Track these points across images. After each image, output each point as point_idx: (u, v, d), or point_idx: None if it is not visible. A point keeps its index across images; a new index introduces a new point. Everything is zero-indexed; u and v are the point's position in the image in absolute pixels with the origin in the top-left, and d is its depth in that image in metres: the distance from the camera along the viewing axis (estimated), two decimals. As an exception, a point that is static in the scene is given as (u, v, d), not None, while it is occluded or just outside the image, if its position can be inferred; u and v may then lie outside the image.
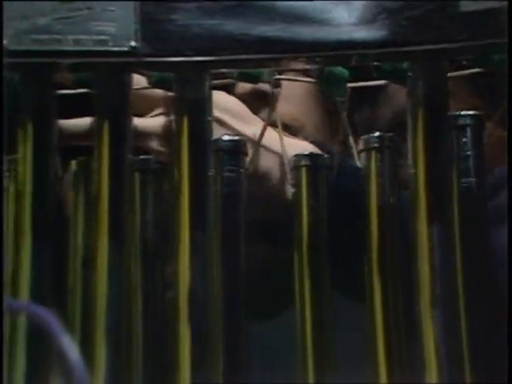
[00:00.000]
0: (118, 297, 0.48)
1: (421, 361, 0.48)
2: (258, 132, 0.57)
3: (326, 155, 0.55)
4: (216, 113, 0.54)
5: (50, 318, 0.41)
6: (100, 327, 0.48)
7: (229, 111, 0.60)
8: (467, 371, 0.48)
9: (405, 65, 0.51)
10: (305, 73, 0.55)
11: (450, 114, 0.52)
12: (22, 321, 0.49)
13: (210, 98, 0.52)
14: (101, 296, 0.48)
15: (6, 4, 0.49)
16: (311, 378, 0.51)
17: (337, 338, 0.53)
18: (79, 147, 0.57)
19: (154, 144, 0.59)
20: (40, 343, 0.48)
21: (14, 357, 0.49)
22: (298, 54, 0.51)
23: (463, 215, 0.49)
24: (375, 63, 0.52)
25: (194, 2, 0.50)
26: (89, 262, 0.50)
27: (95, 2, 0.50)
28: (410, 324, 0.50)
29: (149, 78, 0.53)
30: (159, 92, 0.55)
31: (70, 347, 0.39)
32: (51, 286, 0.50)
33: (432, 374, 0.48)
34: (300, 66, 0.52)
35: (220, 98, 0.59)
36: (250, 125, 0.60)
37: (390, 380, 0.50)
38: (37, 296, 0.49)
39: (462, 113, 0.52)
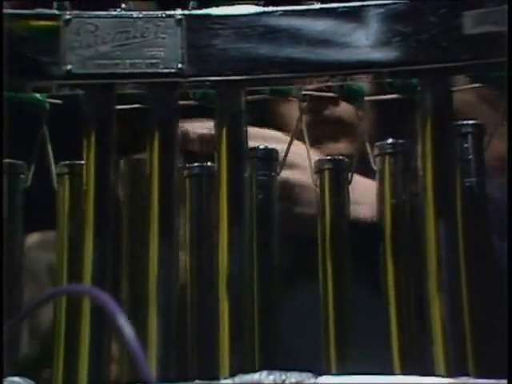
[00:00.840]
0: (168, 281, 0.57)
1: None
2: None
3: (346, 159, 0.63)
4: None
5: (107, 299, 0.49)
6: (153, 308, 0.57)
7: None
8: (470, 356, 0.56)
9: (414, 81, 0.59)
10: (329, 88, 0.63)
11: (454, 123, 0.59)
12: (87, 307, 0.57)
13: (245, 111, 0.60)
14: (153, 281, 0.57)
15: (71, 35, 0.58)
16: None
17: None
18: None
19: (197, 147, 0.67)
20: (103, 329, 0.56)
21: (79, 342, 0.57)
22: (322, 73, 0.59)
23: (466, 211, 0.57)
24: (388, 80, 0.59)
25: (231, 29, 0.59)
26: (142, 253, 0.58)
27: (148, 31, 0.59)
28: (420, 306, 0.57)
29: (194, 94, 0.61)
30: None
31: (126, 326, 0.47)
32: (110, 273, 0.59)
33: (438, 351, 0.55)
34: (323, 82, 0.60)
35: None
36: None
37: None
38: (98, 282, 0.58)
39: (464, 122, 0.60)
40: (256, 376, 0.50)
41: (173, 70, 0.58)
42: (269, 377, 0.49)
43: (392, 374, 0.56)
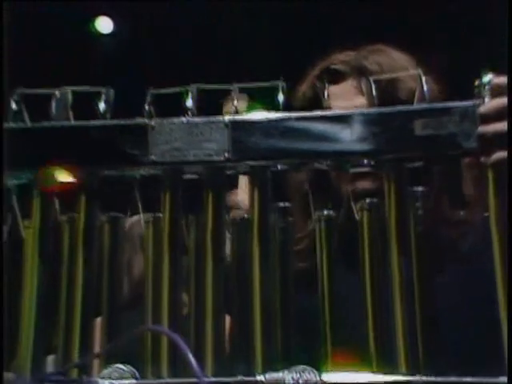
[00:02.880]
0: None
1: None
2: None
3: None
4: None
5: (178, 339, 0.78)
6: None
7: None
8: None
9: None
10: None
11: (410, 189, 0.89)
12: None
13: (269, 183, 0.89)
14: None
15: (155, 135, 0.87)
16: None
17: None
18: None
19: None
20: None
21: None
22: (322, 159, 0.88)
23: (417, 248, 0.87)
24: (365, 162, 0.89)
25: (261, 129, 0.88)
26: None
27: (205, 131, 0.87)
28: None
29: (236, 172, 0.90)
30: None
31: (193, 360, 0.76)
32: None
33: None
34: (323, 166, 0.89)
35: None
36: None
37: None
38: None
39: (415, 188, 0.89)
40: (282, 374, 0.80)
41: (222, 158, 0.87)
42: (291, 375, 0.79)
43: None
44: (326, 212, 0.92)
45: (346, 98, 1.17)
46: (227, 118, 0.88)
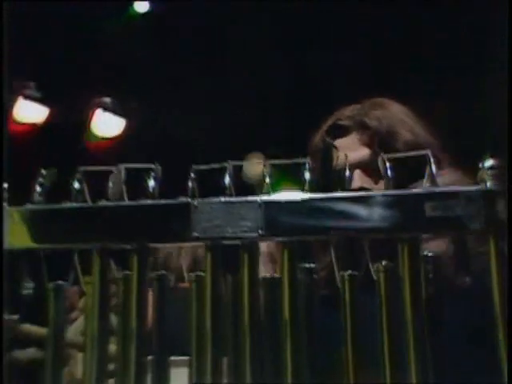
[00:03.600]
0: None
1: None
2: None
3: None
4: None
5: None
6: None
7: None
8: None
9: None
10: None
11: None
12: None
13: (297, 250, 1.02)
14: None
15: (197, 213, 0.99)
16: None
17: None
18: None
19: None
20: None
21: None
22: (346, 233, 1.01)
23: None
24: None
25: (290, 208, 1.00)
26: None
27: (240, 209, 1.00)
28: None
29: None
30: None
31: None
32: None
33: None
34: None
35: None
36: None
37: None
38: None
39: (426, 253, 1.01)
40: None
41: (256, 234, 1.00)
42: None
43: None
44: (349, 272, 1.05)
45: (351, 149, 1.37)
46: (260, 198, 1.00)
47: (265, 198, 1.01)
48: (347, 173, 1.04)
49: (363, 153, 1.39)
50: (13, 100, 4.66)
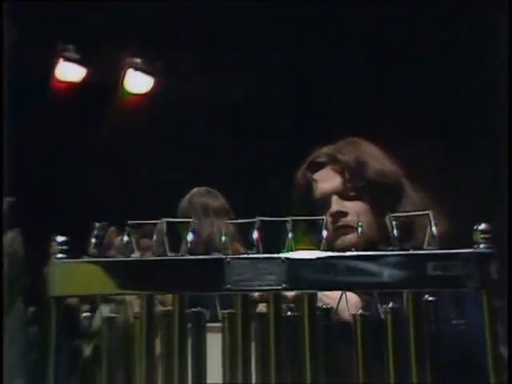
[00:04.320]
0: None
1: None
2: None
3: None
4: None
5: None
6: None
7: None
8: None
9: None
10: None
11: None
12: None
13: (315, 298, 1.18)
14: None
15: (229, 269, 1.15)
16: None
17: None
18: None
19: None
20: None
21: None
22: (356, 289, 1.16)
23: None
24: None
25: (310, 265, 1.15)
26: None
27: (266, 265, 1.15)
28: None
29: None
30: None
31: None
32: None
33: None
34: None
35: None
36: None
37: None
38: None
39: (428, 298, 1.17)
40: None
41: (280, 287, 1.16)
42: None
43: None
44: (359, 312, 1.22)
45: (326, 180, 1.70)
46: (284, 255, 1.16)
47: (287, 255, 1.16)
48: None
49: (337, 182, 1.69)
50: (55, 61, 4.98)
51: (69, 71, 5.19)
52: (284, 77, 4.37)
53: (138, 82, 5.25)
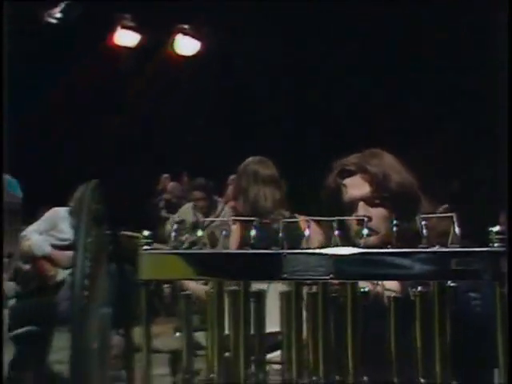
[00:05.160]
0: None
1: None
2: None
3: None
4: None
5: None
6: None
7: None
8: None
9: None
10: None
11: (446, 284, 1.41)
12: None
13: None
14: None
15: (286, 258, 1.40)
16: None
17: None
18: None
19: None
20: None
21: None
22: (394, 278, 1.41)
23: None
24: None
25: (349, 259, 1.39)
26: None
27: (316, 259, 1.40)
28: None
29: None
30: None
31: None
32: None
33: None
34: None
35: None
36: None
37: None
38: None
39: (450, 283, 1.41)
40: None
41: (328, 278, 1.40)
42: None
43: None
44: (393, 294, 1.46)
45: (356, 187, 1.91)
46: (330, 251, 1.40)
47: (333, 251, 1.40)
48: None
49: (365, 190, 1.92)
50: (114, 29, 5.68)
51: (125, 37, 6.09)
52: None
53: (185, 45, 6.06)
